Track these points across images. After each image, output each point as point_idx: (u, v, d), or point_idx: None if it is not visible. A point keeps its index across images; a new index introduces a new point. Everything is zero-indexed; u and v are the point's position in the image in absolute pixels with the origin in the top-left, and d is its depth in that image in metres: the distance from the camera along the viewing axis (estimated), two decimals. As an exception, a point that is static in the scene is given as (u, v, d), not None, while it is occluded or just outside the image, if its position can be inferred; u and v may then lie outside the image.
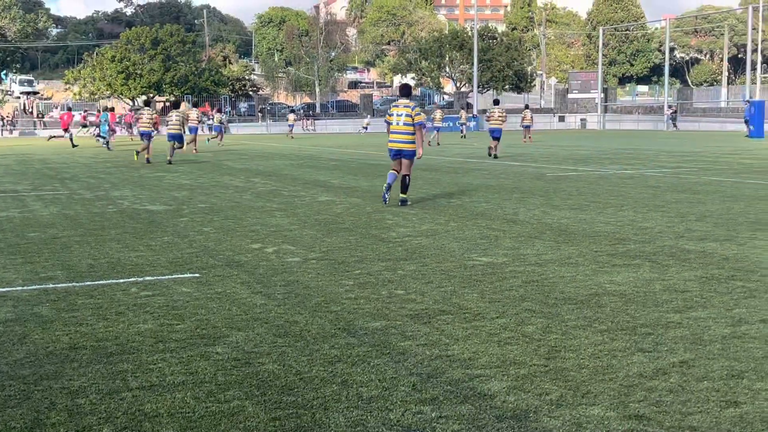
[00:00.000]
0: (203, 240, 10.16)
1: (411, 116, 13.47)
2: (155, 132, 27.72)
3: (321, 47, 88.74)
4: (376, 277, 7.66)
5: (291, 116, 60.37)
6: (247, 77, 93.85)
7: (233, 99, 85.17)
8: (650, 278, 7.44)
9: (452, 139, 45.12)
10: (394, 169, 13.78)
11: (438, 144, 39.44)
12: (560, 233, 10.29)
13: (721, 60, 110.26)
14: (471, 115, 70.48)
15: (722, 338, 5.49)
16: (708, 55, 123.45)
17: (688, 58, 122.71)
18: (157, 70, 77.14)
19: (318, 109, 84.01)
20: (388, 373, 4.84)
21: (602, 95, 79.24)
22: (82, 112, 61.69)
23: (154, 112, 28.94)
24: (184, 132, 28.19)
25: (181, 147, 28.02)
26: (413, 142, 13.55)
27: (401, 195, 13.71)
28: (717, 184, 16.93)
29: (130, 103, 76.14)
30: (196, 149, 33.45)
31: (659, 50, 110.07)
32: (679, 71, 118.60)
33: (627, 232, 10.34)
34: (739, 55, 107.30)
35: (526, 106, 43.45)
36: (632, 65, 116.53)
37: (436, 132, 40.93)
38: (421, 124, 13.54)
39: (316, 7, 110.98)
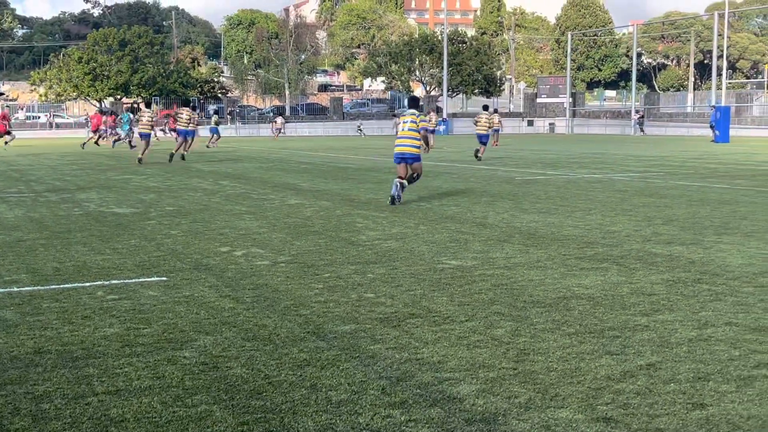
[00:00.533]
0: (171, 243, 10.08)
1: (416, 122, 14.58)
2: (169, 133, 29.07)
3: (291, 50, 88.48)
4: (346, 281, 7.64)
5: (279, 119, 62.13)
6: (215, 79, 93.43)
7: (202, 101, 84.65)
8: (618, 281, 7.49)
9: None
10: (399, 177, 14.29)
11: None
12: (529, 237, 10.34)
13: (688, 65, 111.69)
14: (441, 119, 70.72)
15: (689, 341, 5.54)
16: (675, 61, 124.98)
17: (655, 64, 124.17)
18: (124, 71, 76.50)
19: (288, 112, 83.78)
20: (358, 377, 4.82)
21: (570, 100, 79.89)
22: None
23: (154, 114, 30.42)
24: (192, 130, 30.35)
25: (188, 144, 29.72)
26: (418, 147, 14.57)
27: (407, 183, 14.45)
28: (683, 188, 17.11)
29: (97, 104, 75.38)
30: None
31: (627, 55, 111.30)
32: (646, 76, 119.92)
33: (595, 235, 10.41)
34: (705, 61, 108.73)
35: (495, 111, 43.64)
36: (600, 70, 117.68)
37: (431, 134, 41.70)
38: (425, 129, 14.99)
39: (286, 10, 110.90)
